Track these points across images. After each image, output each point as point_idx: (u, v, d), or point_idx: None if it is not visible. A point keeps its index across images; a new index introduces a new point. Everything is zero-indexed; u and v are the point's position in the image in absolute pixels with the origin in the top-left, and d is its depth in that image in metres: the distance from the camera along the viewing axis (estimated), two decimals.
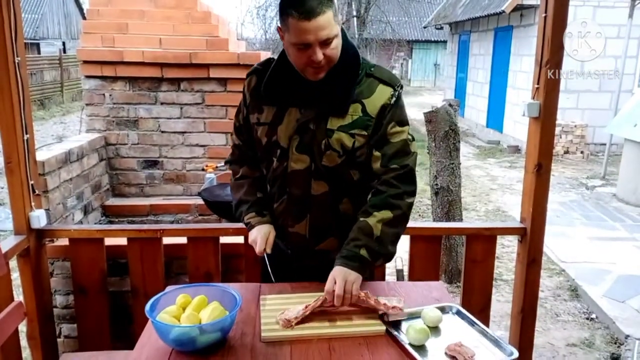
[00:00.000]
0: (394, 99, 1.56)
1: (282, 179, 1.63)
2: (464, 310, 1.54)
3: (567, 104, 9.04)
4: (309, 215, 1.64)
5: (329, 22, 1.41)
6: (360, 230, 1.54)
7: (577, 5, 8.62)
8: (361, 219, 1.56)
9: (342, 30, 1.52)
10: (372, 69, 1.59)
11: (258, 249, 1.62)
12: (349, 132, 1.54)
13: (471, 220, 5.82)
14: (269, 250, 1.64)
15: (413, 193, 1.60)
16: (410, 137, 1.60)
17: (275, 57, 1.62)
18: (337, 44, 1.48)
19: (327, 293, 1.48)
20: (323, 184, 1.59)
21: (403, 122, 1.58)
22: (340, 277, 1.48)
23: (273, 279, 1.70)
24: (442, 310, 1.51)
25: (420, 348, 1.35)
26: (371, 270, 1.81)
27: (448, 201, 4.07)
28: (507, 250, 4.84)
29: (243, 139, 1.73)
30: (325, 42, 1.44)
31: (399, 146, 1.56)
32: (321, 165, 1.57)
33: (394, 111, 1.56)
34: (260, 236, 1.63)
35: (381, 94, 1.55)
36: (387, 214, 1.54)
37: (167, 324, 1.33)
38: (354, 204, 1.64)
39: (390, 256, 1.60)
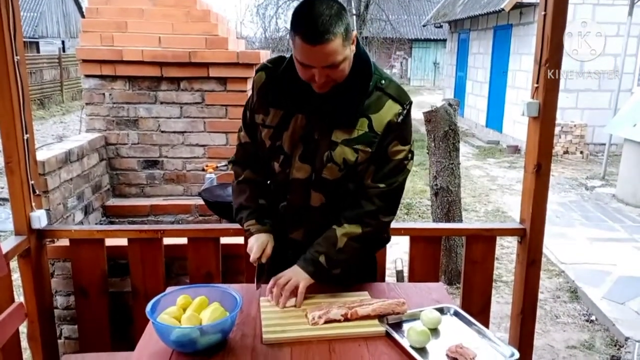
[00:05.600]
0: (400, 117, 1.50)
1: (283, 185, 1.62)
2: (461, 311, 1.55)
3: (567, 104, 9.03)
4: (306, 225, 1.65)
5: (334, 50, 1.35)
6: (326, 238, 1.58)
7: (577, 3, 8.60)
8: (333, 227, 1.58)
9: (357, 38, 1.45)
10: (383, 83, 1.52)
11: (252, 257, 1.62)
12: (353, 147, 1.51)
13: (471, 221, 5.82)
14: (263, 260, 1.63)
15: (391, 211, 1.60)
16: (409, 155, 1.57)
17: (287, 57, 1.55)
18: (344, 66, 1.41)
19: (273, 280, 1.56)
20: (321, 195, 1.59)
21: (406, 141, 1.55)
22: (290, 273, 1.56)
23: (256, 287, 1.66)
24: (441, 311, 1.51)
25: (421, 350, 1.35)
26: (373, 273, 1.81)
27: (448, 202, 4.07)
28: (507, 251, 4.84)
29: (252, 137, 1.67)
30: (330, 66, 1.38)
31: (394, 165, 1.55)
32: (321, 177, 1.55)
33: (399, 130, 1.52)
34: (257, 245, 1.63)
35: (389, 111, 1.50)
36: (356, 229, 1.56)
37: (168, 325, 1.33)
38: None
39: (347, 267, 1.62)
